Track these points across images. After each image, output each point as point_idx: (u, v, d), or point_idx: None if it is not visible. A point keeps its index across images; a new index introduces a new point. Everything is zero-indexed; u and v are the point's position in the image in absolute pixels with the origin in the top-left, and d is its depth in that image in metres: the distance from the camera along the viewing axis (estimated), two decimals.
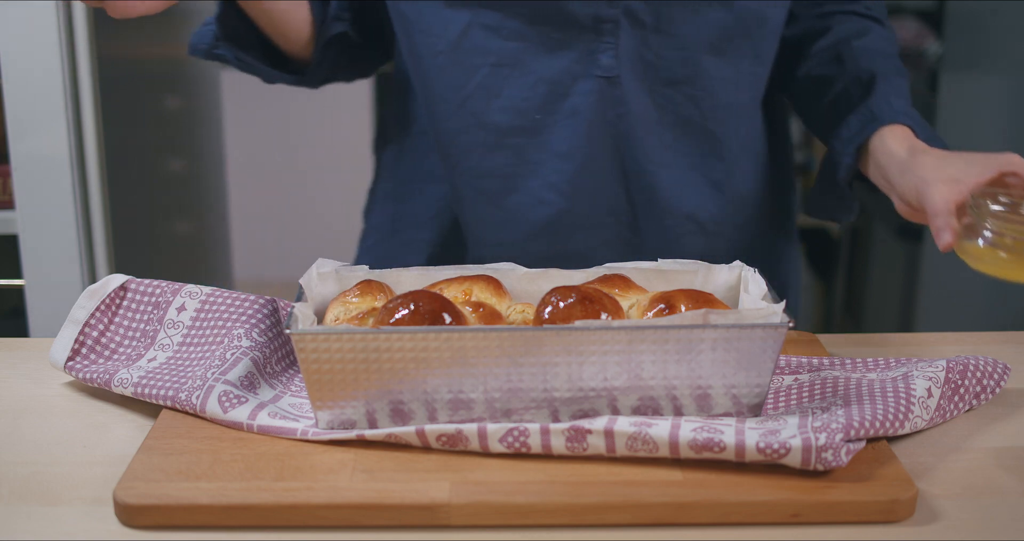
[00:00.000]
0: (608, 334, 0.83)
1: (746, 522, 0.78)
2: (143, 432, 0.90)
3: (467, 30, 1.11)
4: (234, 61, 1.18)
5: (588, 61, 1.10)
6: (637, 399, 0.86)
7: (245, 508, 0.78)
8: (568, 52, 1.10)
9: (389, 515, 0.78)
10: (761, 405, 0.87)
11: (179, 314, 1.00)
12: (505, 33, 1.10)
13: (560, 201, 1.14)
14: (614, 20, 1.09)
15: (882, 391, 0.89)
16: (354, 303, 0.93)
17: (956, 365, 0.94)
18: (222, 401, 0.88)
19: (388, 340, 0.83)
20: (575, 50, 1.10)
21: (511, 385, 0.85)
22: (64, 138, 1.53)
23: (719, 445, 0.81)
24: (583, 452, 0.83)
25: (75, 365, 0.98)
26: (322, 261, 0.98)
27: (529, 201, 1.16)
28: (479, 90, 1.12)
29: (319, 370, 0.84)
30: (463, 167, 1.16)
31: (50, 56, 1.50)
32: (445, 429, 0.84)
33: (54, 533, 0.77)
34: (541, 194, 1.15)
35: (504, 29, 1.10)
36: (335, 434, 0.86)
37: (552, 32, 1.09)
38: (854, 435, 0.82)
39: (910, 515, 0.79)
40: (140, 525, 0.78)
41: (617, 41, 1.09)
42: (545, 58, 1.11)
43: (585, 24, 1.09)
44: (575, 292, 0.90)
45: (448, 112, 1.14)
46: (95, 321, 1.00)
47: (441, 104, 1.14)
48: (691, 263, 0.99)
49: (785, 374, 0.97)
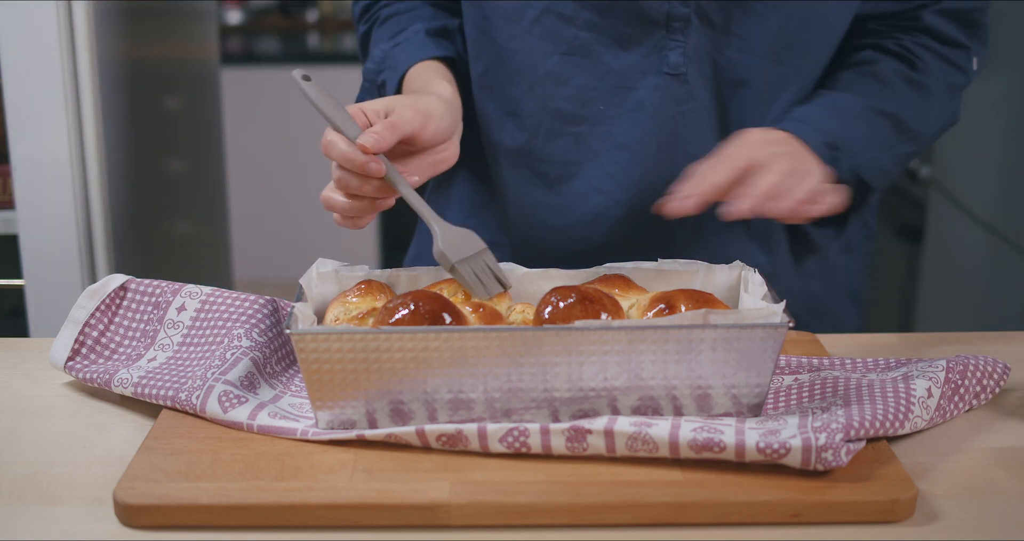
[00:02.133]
0: (608, 334, 0.83)
1: (746, 522, 0.78)
2: (143, 432, 0.90)
3: (541, 16, 1.13)
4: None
5: (657, 57, 1.12)
6: (637, 399, 0.86)
7: (245, 508, 0.78)
8: (638, 47, 1.12)
9: (389, 515, 0.78)
10: (761, 405, 0.87)
11: (179, 314, 1.00)
12: (579, 23, 1.12)
13: (617, 191, 1.16)
14: (685, 18, 1.10)
15: (882, 391, 0.89)
16: (354, 303, 0.93)
17: (956, 365, 0.94)
18: (222, 401, 0.88)
19: (388, 340, 0.83)
20: (645, 45, 1.12)
21: (511, 385, 0.85)
22: (64, 138, 1.53)
23: (719, 445, 0.81)
24: (583, 452, 0.83)
25: (75, 365, 0.98)
26: (322, 261, 0.98)
27: (586, 188, 1.17)
28: (548, 76, 1.14)
29: (319, 370, 0.84)
30: (525, 150, 1.17)
31: (50, 56, 1.50)
32: (445, 429, 0.84)
33: (54, 533, 0.77)
34: (599, 183, 1.16)
35: (578, 19, 1.12)
36: (335, 434, 0.86)
37: (624, 26, 1.11)
38: (854, 435, 0.82)
39: (910, 515, 0.79)
40: (140, 525, 0.78)
41: (686, 39, 1.11)
42: (615, 51, 1.12)
43: (657, 20, 1.10)
44: (575, 292, 0.90)
45: (517, 95, 1.16)
46: (95, 321, 1.00)
47: (510, 87, 1.16)
48: (691, 263, 0.99)
49: (785, 374, 0.97)
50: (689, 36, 1.11)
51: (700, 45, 1.11)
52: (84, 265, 1.58)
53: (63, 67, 1.51)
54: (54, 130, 1.53)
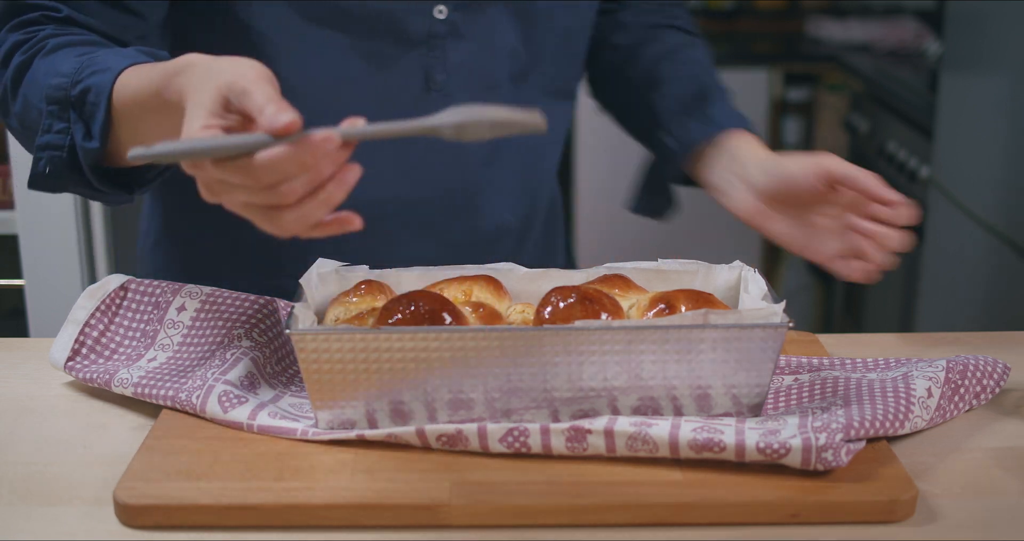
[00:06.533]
0: (608, 334, 0.83)
1: (746, 522, 0.78)
2: (143, 432, 0.90)
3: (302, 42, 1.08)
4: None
5: (420, 75, 1.10)
6: (637, 399, 0.86)
7: (245, 508, 0.78)
8: (400, 66, 1.10)
9: (389, 515, 0.78)
10: (761, 405, 0.87)
11: (179, 314, 1.00)
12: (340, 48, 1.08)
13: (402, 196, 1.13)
14: (442, 35, 1.09)
15: (882, 391, 0.89)
16: (354, 303, 0.93)
17: (956, 365, 0.94)
18: (222, 401, 0.88)
19: (388, 340, 0.83)
20: (407, 65, 1.10)
21: (511, 385, 0.85)
22: None
23: (719, 445, 0.81)
24: (583, 452, 0.83)
25: (75, 365, 0.98)
26: (322, 261, 0.98)
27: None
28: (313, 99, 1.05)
29: (319, 370, 0.84)
30: None
31: None
32: (445, 429, 0.84)
33: (54, 533, 0.77)
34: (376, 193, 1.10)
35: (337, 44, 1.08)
36: (335, 434, 0.86)
37: (385, 47, 1.09)
38: (854, 435, 0.82)
39: (910, 515, 0.79)
40: (140, 525, 0.78)
41: (445, 55, 1.10)
42: (377, 72, 1.09)
43: (416, 40, 1.09)
44: (575, 292, 0.90)
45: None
46: (95, 321, 1.00)
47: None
48: (691, 263, 0.99)
49: (785, 374, 0.97)
50: (447, 51, 1.10)
51: (456, 58, 1.11)
52: (84, 265, 1.58)
53: None
54: None
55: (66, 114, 0.92)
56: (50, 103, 0.92)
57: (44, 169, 0.95)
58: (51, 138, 0.93)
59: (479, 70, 1.13)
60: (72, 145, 0.93)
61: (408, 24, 1.08)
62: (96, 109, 0.90)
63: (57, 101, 0.92)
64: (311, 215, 0.75)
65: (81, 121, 0.92)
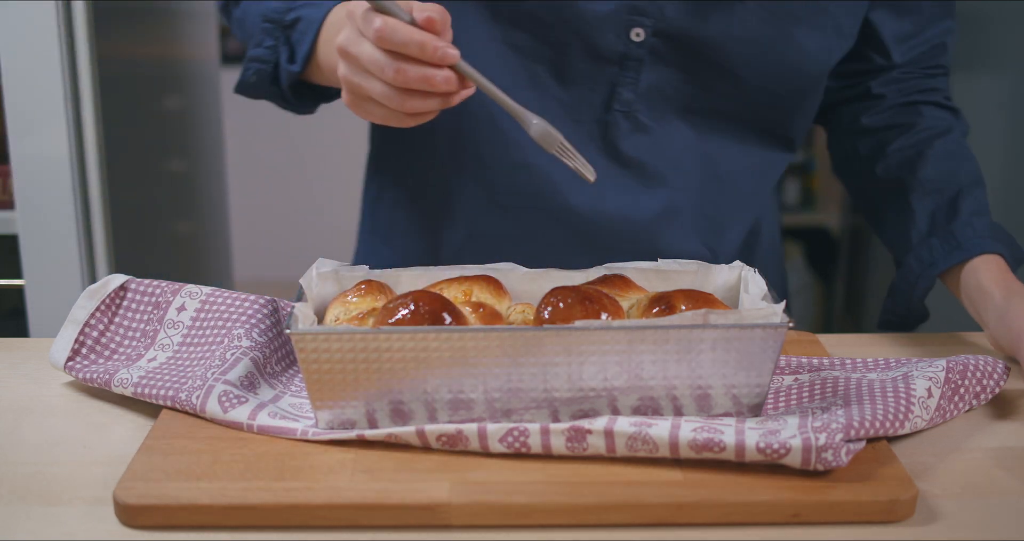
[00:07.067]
0: (608, 334, 0.83)
1: (746, 522, 0.78)
2: (143, 432, 0.90)
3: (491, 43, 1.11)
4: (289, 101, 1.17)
5: (607, 93, 1.11)
6: (637, 399, 0.86)
7: (245, 508, 0.78)
8: (588, 82, 1.11)
9: (389, 515, 0.78)
10: (761, 405, 0.87)
11: (179, 314, 1.00)
12: (530, 54, 1.11)
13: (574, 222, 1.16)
14: (639, 58, 1.09)
15: (882, 391, 0.89)
16: (354, 303, 0.93)
17: (956, 365, 0.94)
18: (222, 401, 0.88)
19: (388, 340, 0.83)
20: (596, 81, 1.11)
21: (511, 385, 0.85)
22: (64, 138, 1.53)
23: (719, 445, 0.81)
24: (583, 452, 0.83)
25: (75, 365, 0.98)
26: (322, 261, 0.98)
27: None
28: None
29: (319, 370, 0.84)
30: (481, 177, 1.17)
31: (50, 56, 1.50)
32: (445, 429, 0.84)
33: (54, 533, 0.77)
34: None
35: (527, 49, 1.11)
36: (335, 434, 0.86)
37: (576, 61, 1.10)
38: (854, 435, 0.82)
39: (910, 515, 0.79)
40: (140, 525, 0.78)
41: (638, 77, 1.10)
42: (564, 84, 1.12)
43: (611, 58, 1.10)
44: (575, 292, 0.90)
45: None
46: (95, 321, 1.00)
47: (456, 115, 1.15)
48: (691, 263, 0.99)
49: (785, 374, 0.97)
50: (642, 74, 1.10)
51: (648, 81, 1.11)
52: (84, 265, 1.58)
53: (63, 67, 1.51)
54: (54, 130, 1.53)
55: (277, 33, 1.08)
56: (265, 20, 1.09)
57: (251, 78, 1.11)
58: (260, 52, 1.10)
59: (671, 96, 1.12)
60: (276, 63, 1.09)
61: (603, 42, 1.08)
62: (303, 38, 1.06)
63: (272, 21, 1.08)
64: (423, 105, 0.89)
65: (288, 45, 1.08)
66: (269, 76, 1.11)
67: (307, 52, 1.07)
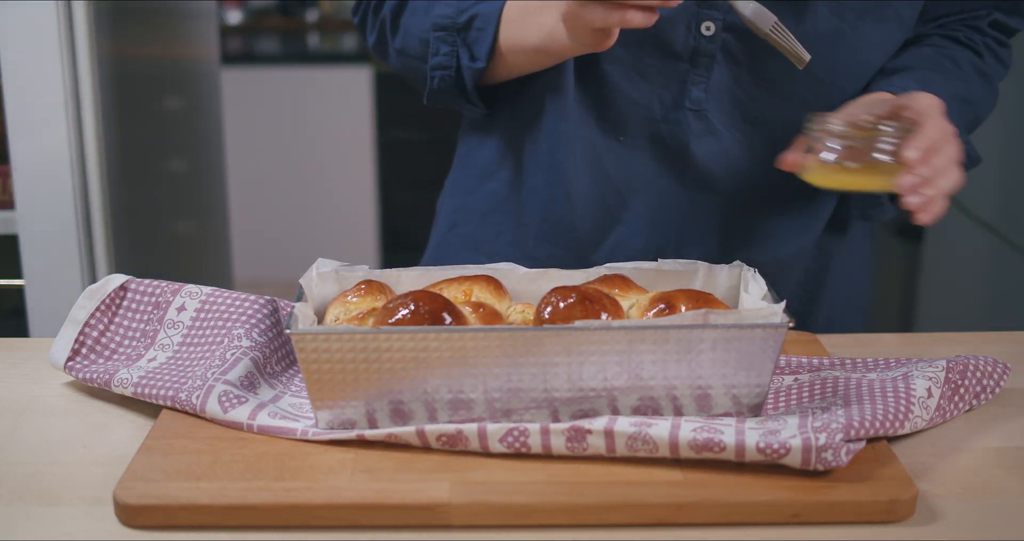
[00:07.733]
0: (608, 334, 0.83)
1: (746, 522, 0.78)
2: (143, 432, 0.90)
3: None
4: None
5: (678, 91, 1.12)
6: (637, 399, 0.86)
7: (245, 508, 0.78)
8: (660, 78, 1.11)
9: (389, 515, 0.78)
10: (761, 405, 0.87)
11: (179, 314, 1.00)
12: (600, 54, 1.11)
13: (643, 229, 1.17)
14: (711, 54, 1.09)
15: (882, 391, 0.89)
16: (354, 303, 0.93)
17: (956, 365, 0.94)
18: (222, 401, 0.88)
19: (388, 340, 0.83)
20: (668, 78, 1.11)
21: (511, 385, 0.85)
22: (64, 138, 1.53)
23: (719, 445, 0.81)
24: (583, 452, 0.83)
25: (75, 365, 0.98)
26: (322, 261, 0.98)
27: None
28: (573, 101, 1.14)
29: (319, 370, 0.84)
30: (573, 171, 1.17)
31: (50, 56, 1.50)
32: (445, 429, 0.84)
33: (54, 533, 0.77)
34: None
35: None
36: (335, 434, 0.86)
37: (647, 57, 1.10)
38: (854, 435, 0.82)
39: (910, 515, 0.79)
40: (140, 525, 0.78)
41: (710, 75, 1.10)
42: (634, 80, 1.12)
43: (681, 55, 1.10)
44: (575, 292, 0.90)
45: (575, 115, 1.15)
46: (95, 321, 1.00)
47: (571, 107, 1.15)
48: (691, 263, 0.99)
49: (785, 374, 0.97)
50: (713, 72, 1.10)
51: (723, 82, 1.11)
52: (84, 265, 1.58)
53: (63, 67, 1.51)
54: (54, 130, 1.53)
55: (451, 38, 1.11)
56: (436, 29, 1.11)
57: (437, 86, 1.14)
58: (440, 59, 1.12)
59: (743, 96, 1.11)
60: (458, 65, 1.11)
61: (673, 36, 1.08)
62: (482, 34, 1.09)
63: (443, 27, 1.11)
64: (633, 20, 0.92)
65: (465, 46, 1.11)
66: (453, 80, 1.13)
67: (489, 47, 1.09)
